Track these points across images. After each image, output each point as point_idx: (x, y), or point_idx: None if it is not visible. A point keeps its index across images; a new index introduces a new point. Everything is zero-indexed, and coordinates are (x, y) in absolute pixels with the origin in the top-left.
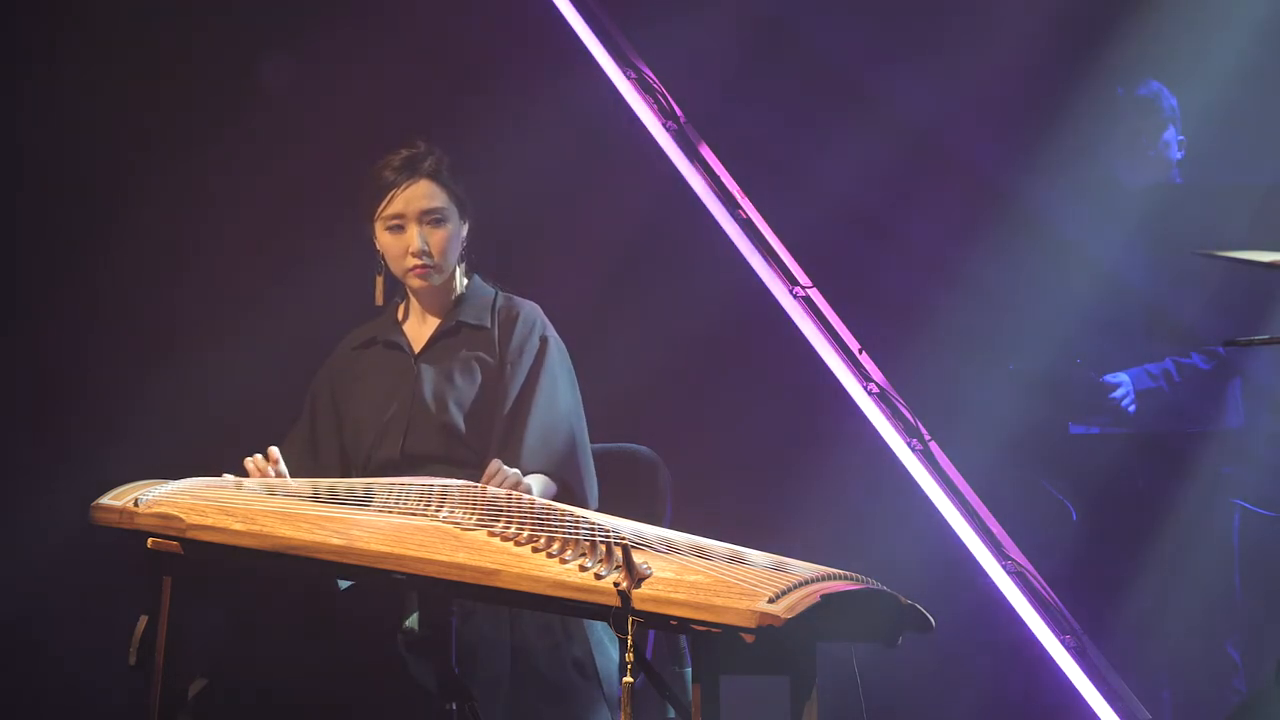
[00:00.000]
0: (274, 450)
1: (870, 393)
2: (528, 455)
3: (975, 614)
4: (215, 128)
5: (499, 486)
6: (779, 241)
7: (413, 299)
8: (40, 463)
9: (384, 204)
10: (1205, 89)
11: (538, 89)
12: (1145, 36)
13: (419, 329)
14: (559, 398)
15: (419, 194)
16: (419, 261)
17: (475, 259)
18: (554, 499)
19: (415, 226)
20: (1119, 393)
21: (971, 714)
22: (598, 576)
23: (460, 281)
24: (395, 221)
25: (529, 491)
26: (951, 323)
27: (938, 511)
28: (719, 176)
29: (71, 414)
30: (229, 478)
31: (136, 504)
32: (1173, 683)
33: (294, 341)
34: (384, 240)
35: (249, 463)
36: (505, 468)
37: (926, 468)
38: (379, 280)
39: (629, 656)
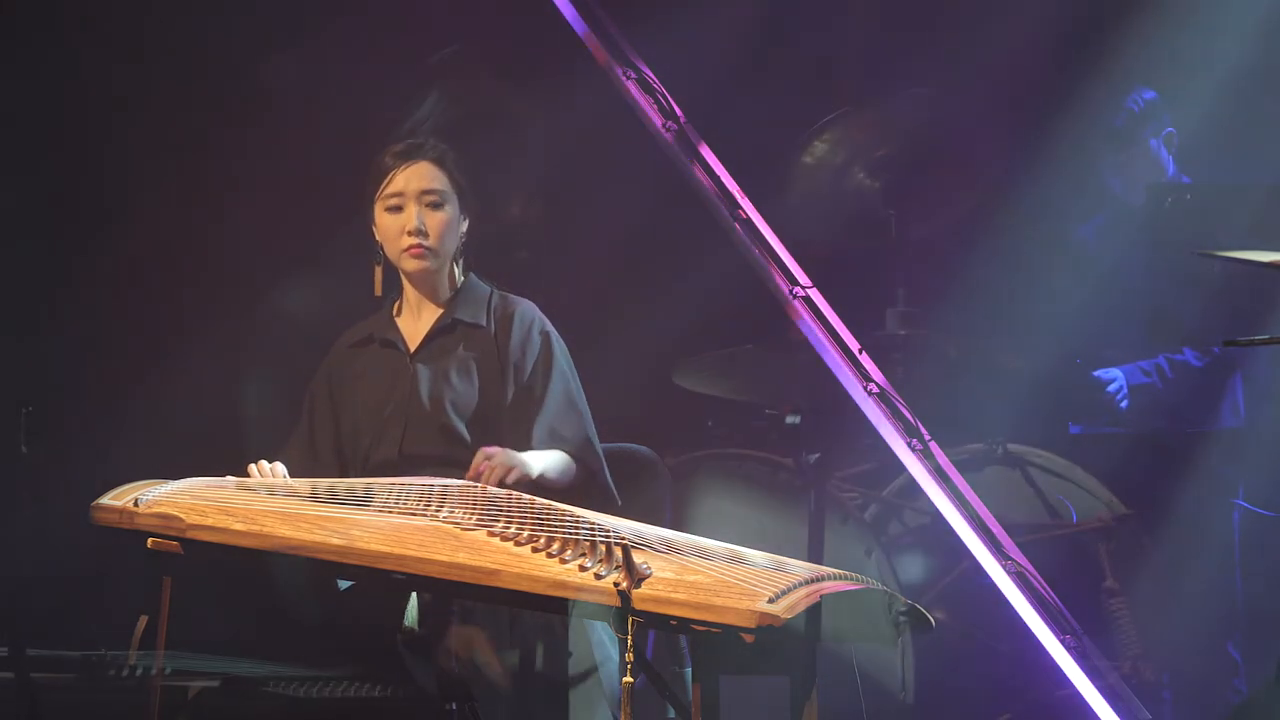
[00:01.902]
0: (279, 465)
1: (870, 393)
2: (546, 434)
3: (975, 614)
4: (218, 130)
5: (491, 473)
6: (779, 241)
7: (408, 292)
8: (40, 463)
9: (384, 184)
10: (1205, 89)
11: (537, 89)
12: (1145, 37)
13: (414, 325)
14: (571, 386)
15: (420, 174)
16: (415, 241)
17: (473, 257)
18: (574, 480)
19: (414, 206)
20: (1112, 387)
21: (971, 714)
22: (598, 576)
23: (457, 277)
24: (394, 201)
25: (525, 469)
26: (951, 323)
27: (938, 511)
28: (719, 176)
29: (72, 414)
30: (230, 478)
31: (136, 504)
32: (1173, 683)
33: (295, 341)
34: (383, 223)
35: (253, 468)
36: (494, 456)
37: (926, 468)
38: (378, 270)
39: (629, 656)
